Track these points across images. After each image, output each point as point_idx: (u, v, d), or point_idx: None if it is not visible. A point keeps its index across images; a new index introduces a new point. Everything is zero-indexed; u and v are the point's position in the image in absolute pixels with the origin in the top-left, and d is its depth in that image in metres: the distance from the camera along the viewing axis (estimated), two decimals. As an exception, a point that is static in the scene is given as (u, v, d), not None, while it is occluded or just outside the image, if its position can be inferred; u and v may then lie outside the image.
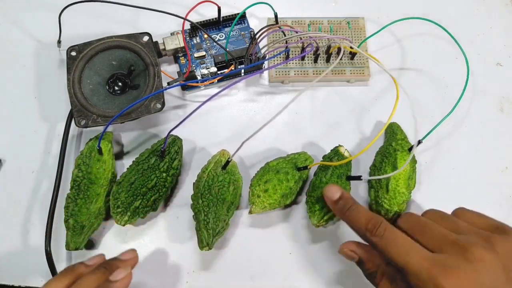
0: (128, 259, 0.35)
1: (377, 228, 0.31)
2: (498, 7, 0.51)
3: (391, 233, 0.31)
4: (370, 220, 0.32)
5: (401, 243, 0.30)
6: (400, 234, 0.31)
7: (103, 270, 0.32)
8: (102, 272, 0.32)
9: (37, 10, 0.48)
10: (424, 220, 0.32)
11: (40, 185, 0.42)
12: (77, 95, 0.39)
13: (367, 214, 0.33)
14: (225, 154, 0.39)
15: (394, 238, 0.30)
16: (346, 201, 0.34)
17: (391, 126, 0.43)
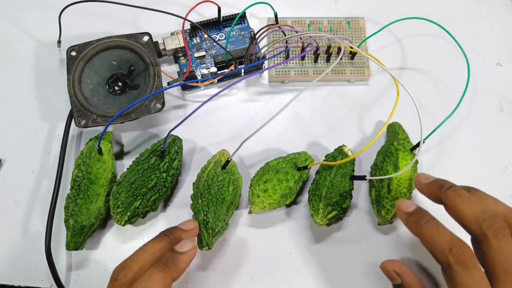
0: (190, 229, 0.34)
1: (463, 255, 0.27)
2: (498, 7, 0.51)
3: (478, 270, 0.27)
4: (456, 242, 0.28)
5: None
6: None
7: (166, 238, 0.32)
8: (166, 240, 0.31)
9: (37, 10, 0.48)
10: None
11: (40, 185, 0.42)
12: (77, 95, 0.39)
13: (450, 234, 0.28)
14: (225, 154, 0.39)
15: (480, 274, 0.27)
16: (423, 215, 0.30)
17: (393, 126, 0.43)
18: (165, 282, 0.29)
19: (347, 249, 0.40)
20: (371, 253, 0.40)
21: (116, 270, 0.30)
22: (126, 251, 0.39)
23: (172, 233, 0.33)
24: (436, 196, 0.31)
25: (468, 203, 0.29)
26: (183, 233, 0.33)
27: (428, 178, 0.33)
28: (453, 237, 0.28)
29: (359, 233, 0.41)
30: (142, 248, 0.31)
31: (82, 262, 0.39)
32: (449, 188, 0.31)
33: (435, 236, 0.29)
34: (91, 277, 0.39)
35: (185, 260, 0.31)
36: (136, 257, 0.30)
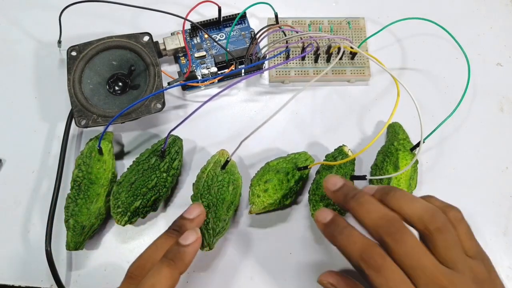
0: (194, 217, 0.33)
1: (372, 258, 0.27)
2: (498, 7, 0.51)
3: (391, 269, 0.27)
4: (365, 248, 0.28)
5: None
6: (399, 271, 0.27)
7: (175, 232, 0.32)
8: (175, 234, 0.32)
9: (38, 10, 0.48)
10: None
11: (40, 185, 0.42)
12: (77, 95, 0.39)
13: (361, 240, 0.28)
14: (224, 154, 0.39)
15: (393, 273, 0.27)
16: (337, 224, 0.30)
17: (393, 126, 0.43)
18: (173, 277, 0.29)
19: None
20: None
21: (131, 269, 0.30)
22: (127, 251, 0.40)
23: (181, 227, 0.33)
24: (342, 206, 0.31)
25: (367, 211, 0.29)
26: (190, 223, 0.33)
27: (335, 184, 0.32)
28: (364, 242, 0.28)
29: (359, 233, 0.41)
30: (153, 244, 0.31)
31: (82, 262, 0.39)
32: (352, 197, 0.30)
33: (347, 244, 0.29)
34: (91, 277, 0.39)
35: (190, 252, 0.31)
36: (148, 255, 0.31)
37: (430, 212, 0.28)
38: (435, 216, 0.28)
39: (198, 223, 0.34)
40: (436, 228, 0.27)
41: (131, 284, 0.29)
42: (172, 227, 0.33)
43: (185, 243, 0.31)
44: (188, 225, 0.33)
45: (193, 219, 0.34)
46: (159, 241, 0.32)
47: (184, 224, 0.33)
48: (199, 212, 0.34)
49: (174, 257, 0.30)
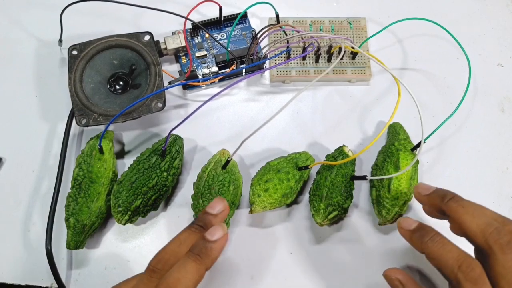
0: (218, 212, 0.32)
1: (473, 271, 0.27)
2: (499, 7, 0.51)
3: (487, 283, 0.27)
4: (465, 259, 0.27)
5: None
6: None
7: (199, 227, 0.31)
8: (199, 230, 0.31)
9: (38, 9, 0.48)
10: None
11: (41, 184, 0.42)
12: (78, 94, 0.39)
13: (457, 250, 0.28)
14: (225, 153, 0.39)
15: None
16: (427, 230, 0.30)
17: (394, 126, 0.43)
18: (199, 272, 0.28)
19: (348, 249, 0.40)
20: (371, 253, 0.40)
21: (153, 262, 0.29)
22: (127, 250, 0.40)
23: (205, 223, 0.31)
24: (438, 207, 0.31)
25: (472, 215, 0.29)
26: (214, 219, 0.32)
27: (428, 189, 0.32)
28: (460, 252, 0.28)
29: (360, 233, 0.41)
30: (176, 239, 0.30)
31: (83, 261, 0.39)
32: (451, 199, 0.30)
33: (442, 253, 0.28)
34: (92, 276, 0.39)
35: (217, 248, 0.30)
36: (171, 248, 0.30)
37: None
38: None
39: (222, 218, 0.32)
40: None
41: (152, 277, 0.28)
42: (196, 222, 0.32)
43: (212, 238, 0.29)
44: (212, 221, 0.32)
45: (217, 215, 0.32)
46: (182, 235, 0.31)
47: (208, 219, 0.32)
48: (223, 207, 0.32)
49: (201, 252, 0.29)
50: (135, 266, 0.39)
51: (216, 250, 0.29)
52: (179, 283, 0.27)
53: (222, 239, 0.30)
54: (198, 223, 0.31)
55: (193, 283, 0.28)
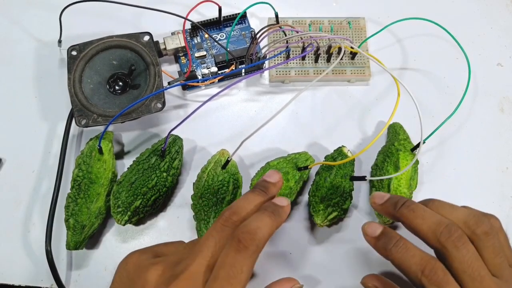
0: (277, 181, 0.33)
1: (435, 275, 0.27)
2: (498, 7, 0.51)
3: (453, 283, 0.27)
4: (427, 262, 0.27)
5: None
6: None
7: (263, 193, 0.32)
8: (262, 194, 0.32)
9: (38, 9, 0.48)
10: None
11: (41, 184, 0.42)
12: (77, 95, 0.39)
13: (420, 254, 0.28)
14: (225, 153, 0.39)
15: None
16: (390, 237, 0.30)
17: (394, 126, 0.43)
18: (272, 227, 0.29)
19: (347, 249, 0.40)
20: (371, 253, 0.40)
21: (227, 213, 0.30)
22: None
23: (267, 188, 0.32)
24: (392, 215, 0.31)
25: (422, 218, 0.29)
26: (274, 187, 0.33)
27: (382, 198, 0.32)
28: (423, 256, 0.28)
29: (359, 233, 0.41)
30: (244, 197, 0.31)
31: (83, 262, 0.39)
32: (402, 205, 0.30)
33: (405, 258, 0.28)
34: (92, 277, 0.39)
35: (285, 212, 0.31)
36: (242, 204, 0.30)
37: (475, 218, 0.28)
38: (481, 220, 0.28)
39: (278, 188, 0.33)
40: (484, 232, 0.28)
41: (225, 226, 0.29)
42: (257, 187, 0.32)
43: (282, 204, 0.31)
44: (271, 188, 0.33)
45: (275, 183, 0.33)
46: (249, 195, 0.31)
47: (269, 186, 0.33)
48: (279, 178, 0.33)
49: (274, 211, 0.30)
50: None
51: (284, 213, 0.31)
52: (259, 231, 0.28)
53: (288, 207, 0.31)
54: (260, 188, 0.32)
55: (268, 234, 0.28)
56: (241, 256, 0.26)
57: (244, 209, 0.30)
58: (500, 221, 0.30)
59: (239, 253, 0.27)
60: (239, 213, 0.30)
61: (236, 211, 0.30)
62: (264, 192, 0.32)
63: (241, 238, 0.27)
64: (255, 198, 0.31)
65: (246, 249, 0.27)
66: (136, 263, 0.29)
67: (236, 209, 0.30)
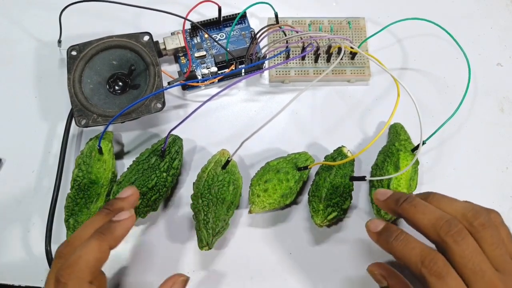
0: (127, 196, 0.33)
1: (435, 265, 0.27)
2: (498, 7, 0.51)
3: (454, 277, 0.27)
4: (427, 254, 0.28)
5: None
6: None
7: (106, 211, 0.32)
8: (105, 213, 0.32)
9: (38, 9, 0.48)
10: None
11: (40, 184, 0.42)
12: (77, 95, 0.39)
13: (420, 246, 0.29)
14: (225, 153, 0.39)
15: (455, 280, 0.27)
16: (391, 231, 0.30)
17: (395, 127, 0.43)
18: (101, 249, 0.29)
19: (347, 249, 0.40)
20: (371, 253, 0.40)
21: (60, 248, 0.30)
22: (126, 251, 0.40)
23: (112, 205, 0.33)
24: (394, 211, 0.32)
25: (423, 213, 0.29)
26: (122, 202, 0.33)
27: (384, 194, 0.33)
28: (423, 248, 0.28)
29: (359, 233, 0.41)
30: (83, 225, 0.31)
31: (82, 262, 0.39)
32: (404, 200, 0.31)
33: (405, 251, 0.29)
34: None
35: (121, 226, 0.31)
36: (78, 234, 0.31)
37: (473, 210, 0.29)
38: (478, 213, 0.28)
39: (130, 203, 0.33)
40: (480, 224, 0.28)
41: (59, 262, 0.29)
42: (104, 207, 0.33)
43: (118, 219, 0.31)
44: (119, 203, 0.33)
45: (125, 198, 0.33)
46: (88, 221, 0.32)
47: (115, 203, 0.33)
48: (131, 192, 0.34)
49: (104, 230, 0.30)
50: (135, 266, 0.39)
51: (120, 228, 0.30)
52: (80, 260, 0.28)
53: (127, 219, 0.31)
54: (106, 207, 0.32)
55: (95, 259, 0.29)
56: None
57: (78, 238, 0.30)
58: (501, 216, 0.30)
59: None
60: (72, 243, 0.30)
61: (69, 242, 0.30)
62: (108, 210, 0.32)
63: (59, 276, 0.27)
64: (96, 221, 0.31)
65: (65, 285, 0.27)
66: None
67: (69, 240, 0.30)
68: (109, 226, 0.30)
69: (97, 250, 0.29)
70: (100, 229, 0.30)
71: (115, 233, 0.30)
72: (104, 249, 0.29)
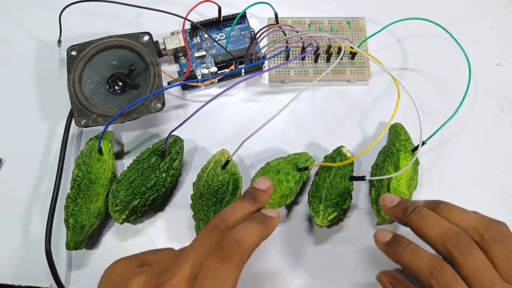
0: (267, 188, 0.32)
1: (444, 276, 0.27)
2: (498, 7, 0.51)
3: (460, 284, 0.27)
4: (436, 265, 0.28)
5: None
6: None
7: (251, 200, 0.31)
8: (251, 202, 0.31)
9: (38, 9, 0.48)
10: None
11: (40, 184, 0.42)
12: (77, 95, 0.39)
13: (429, 257, 0.29)
14: (225, 153, 0.39)
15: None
16: (400, 241, 0.30)
17: (395, 127, 0.43)
18: (260, 237, 0.28)
19: (347, 249, 0.40)
20: (371, 253, 0.40)
21: (215, 221, 0.29)
22: (126, 251, 0.40)
23: (256, 196, 0.32)
24: (402, 221, 0.32)
25: (431, 225, 0.30)
26: (264, 194, 0.32)
27: (392, 201, 0.33)
28: (432, 259, 0.28)
29: (359, 233, 0.41)
30: (233, 205, 0.31)
31: (82, 262, 0.39)
32: (412, 211, 0.31)
33: (414, 261, 0.29)
34: (91, 277, 0.39)
35: (274, 224, 0.30)
36: (230, 213, 0.30)
37: (484, 223, 0.29)
38: (490, 226, 0.28)
39: (269, 195, 0.33)
40: (491, 238, 0.28)
41: (212, 234, 0.28)
42: (247, 195, 0.32)
43: (271, 215, 0.30)
44: (261, 195, 0.32)
45: (265, 190, 0.32)
46: (238, 204, 0.31)
47: (258, 193, 0.32)
48: (269, 184, 0.33)
49: (263, 221, 0.29)
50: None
51: (273, 225, 0.30)
52: (245, 239, 0.27)
53: (277, 218, 0.30)
54: (249, 196, 0.32)
55: (255, 244, 0.28)
56: (224, 266, 0.26)
57: (232, 217, 0.30)
58: (509, 228, 0.30)
59: (222, 263, 0.26)
60: (226, 221, 0.29)
61: (223, 219, 0.29)
62: (253, 200, 0.32)
63: (225, 247, 0.26)
64: (244, 206, 0.31)
65: (230, 258, 0.26)
66: (121, 271, 0.29)
67: (223, 217, 0.30)
68: (266, 218, 0.30)
69: (258, 236, 0.28)
70: (258, 218, 0.29)
71: (270, 228, 0.30)
72: (262, 238, 0.29)
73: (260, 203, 0.32)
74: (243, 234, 0.27)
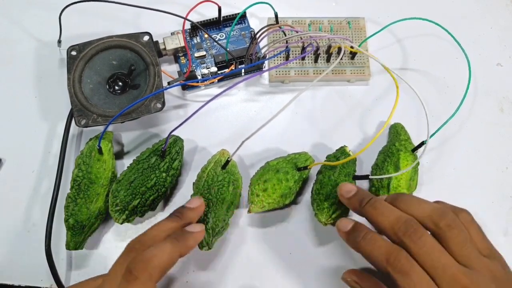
0: (197, 206, 0.35)
1: (399, 262, 0.28)
2: (498, 7, 0.51)
3: (417, 272, 0.28)
4: (391, 251, 0.28)
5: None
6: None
7: (176, 218, 0.33)
8: (176, 220, 0.33)
9: (38, 9, 0.48)
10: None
11: (40, 184, 0.42)
12: (77, 95, 0.39)
13: (385, 245, 0.29)
14: (225, 153, 0.39)
15: (420, 276, 0.27)
16: (359, 230, 0.31)
17: (395, 127, 0.43)
18: (173, 254, 0.30)
19: (347, 249, 0.40)
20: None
21: (132, 243, 0.31)
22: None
23: (182, 214, 0.34)
24: (359, 211, 0.32)
25: (382, 214, 0.30)
26: (191, 212, 0.34)
27: (349, 191, 0.33)
28: (388, 246, 0.29)
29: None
30: (155, 225, 0.33)
31: (82, 262, 0.40)
32: (368, 202, 0.31)
33: (372, 250, 0.29)
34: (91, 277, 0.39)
35: (193, 238, 0.32)
36: (150, 233, 0.32)
37: (439, 211, 0.29)
38: (444, 213, 0.29)
39: (198, 213, 0.35)
40: (446, 225, 0.28)
41: (128, 256, 0.30)
42: (174, 213, 0.34)
43: (192, 230, 0.32)
44: (189, 213, 0.34)
45: (194, 209, 0.35)
46: (161, 223, 0.33)
47: (186, 211, 0.34)
48: (199, 203, 0.35)
49: (179, 237, 0.31)
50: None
51: (193, 239, 0.32)
52: (154, 258, 0.29)
53: (200, 233, 0.33)
54: (175, 214, 0.34)
55: (167, 262, 0.29)
56: (131, 287, 0.27)
57: (151, 237, 0.31)
58: (471, 215, 0.31)
59: (130, 284, 0.27)
60: (144, 241, 0.31)
61: (141, 239, 0.31)
62: (178, 217, 0.33)
63: (132, 268, 0.28)
64: (167, 225, 0.32)
65: (136, 279, 0.27)
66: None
67: (141, 238, 0.31)
68: (184, 235, 0.32)
69: (169, 254, 0.30)
70: (174, 235, 0.31)
71: (188, 243, 0.31)
72: (176, 255, 0.30)
73: (186, 220, 0.33)
74: (153, 253, 0.29)
